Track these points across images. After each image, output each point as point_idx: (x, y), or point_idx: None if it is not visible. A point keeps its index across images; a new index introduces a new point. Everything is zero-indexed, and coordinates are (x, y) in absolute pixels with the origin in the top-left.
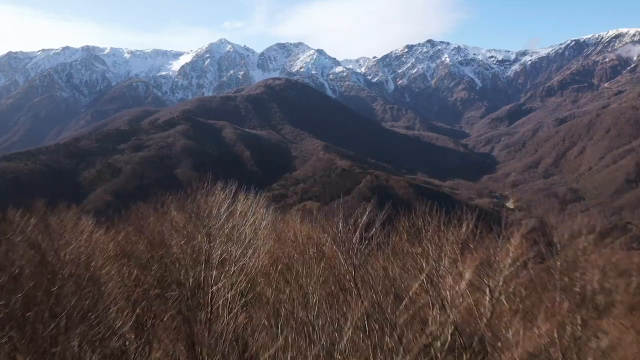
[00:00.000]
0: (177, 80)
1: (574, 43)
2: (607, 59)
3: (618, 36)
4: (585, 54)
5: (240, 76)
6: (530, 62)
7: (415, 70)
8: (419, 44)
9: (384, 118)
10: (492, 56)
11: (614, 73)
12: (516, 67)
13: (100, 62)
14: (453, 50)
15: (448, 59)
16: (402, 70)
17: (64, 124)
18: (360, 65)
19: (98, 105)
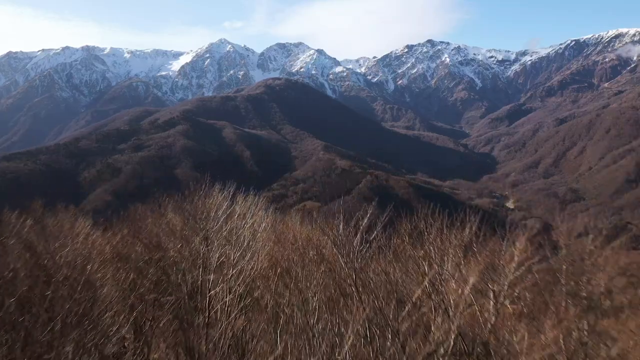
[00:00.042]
0: (177, 80)
1: (574, 43)
2: (607, 59)
3: (618, 36)
4: (585, 54)
5: (240, 76)
6: (530, 62)
7: (415, 70)
8: (419, 44)
9: (384, 118)
10: (492, 56)
11: (614, 73)
12: (516, 67)
13: (100, 62)
14: (453, 50)
15: (448, 59)
16: (402, 70)
17: (64, 124)
18: (360, 65)
19: (98, 105)
